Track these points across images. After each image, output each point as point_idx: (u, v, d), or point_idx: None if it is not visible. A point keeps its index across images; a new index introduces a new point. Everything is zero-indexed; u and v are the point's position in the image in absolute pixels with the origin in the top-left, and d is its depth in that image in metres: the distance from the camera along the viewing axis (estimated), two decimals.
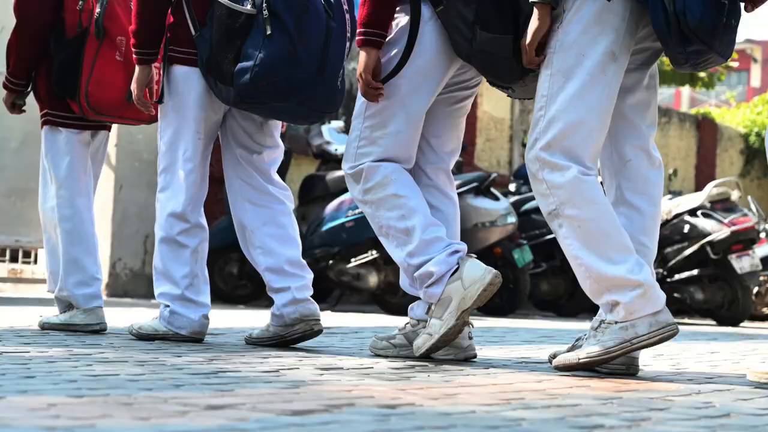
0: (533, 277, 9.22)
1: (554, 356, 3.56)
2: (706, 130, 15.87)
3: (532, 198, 9.49)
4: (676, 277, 9.47)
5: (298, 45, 3.92)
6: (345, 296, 8.76)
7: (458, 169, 9.53)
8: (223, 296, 8.76)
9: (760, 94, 21.47)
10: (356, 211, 8.11)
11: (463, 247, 3.67)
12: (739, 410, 2.63)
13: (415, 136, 3.76)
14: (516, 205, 9.16)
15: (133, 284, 8.84)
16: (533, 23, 3.34)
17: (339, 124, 9.45)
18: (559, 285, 9.64)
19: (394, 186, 3.70)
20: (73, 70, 4.41)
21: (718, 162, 15.93)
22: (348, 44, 4.13)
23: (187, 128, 4.19)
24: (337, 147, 9.00)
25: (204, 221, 4.31)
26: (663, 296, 3.36)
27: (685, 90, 27.91)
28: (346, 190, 8.35)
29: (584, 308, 9.36)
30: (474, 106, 11.76)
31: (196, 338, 4.17)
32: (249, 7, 3.91)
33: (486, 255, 8.72)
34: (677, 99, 31.33)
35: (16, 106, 4.69)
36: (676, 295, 9.44)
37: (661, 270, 9.67)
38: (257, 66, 3.88)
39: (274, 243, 4.26)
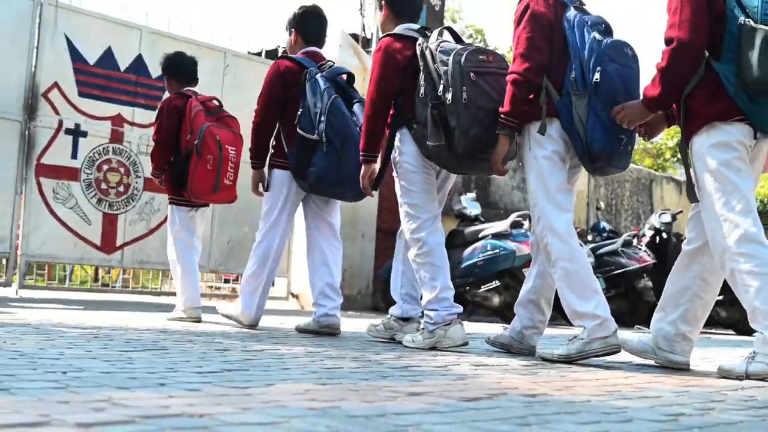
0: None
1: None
2: None
3: (605, 245, 9.29)
4: None
5: (343, 158, 4.39)
6: (476, 311, 8.63)
7: None
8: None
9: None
10: (485, 254, 8.04)
11: (459, 310, 3.96)
12: None
13: (432, 200, 4.09)
14: (593, 250, 8.92)
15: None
16: (498, 147, 3.65)
17: (472, 195, 9.34)
18: (623, 305, 9.34)
19: (435, 258, 3.97)
20: (184, 173, 5.04)
21: None
22: None
23: (277, 205, 4.73)
24: (471, 210, 8.93)
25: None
26: (614, 326, 3.48)
27: None
28: (478, 240, 8.30)
29: (640, 321, 9.07)
30: None
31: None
32: (315, 136, 4.42)
33: None
34: None
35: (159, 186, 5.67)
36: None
37: None
38: (320, 170, 4.42)
39: (334, 270, 4.79)
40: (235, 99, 7.68)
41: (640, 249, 9.21)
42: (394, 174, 4.12)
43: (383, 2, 4.27)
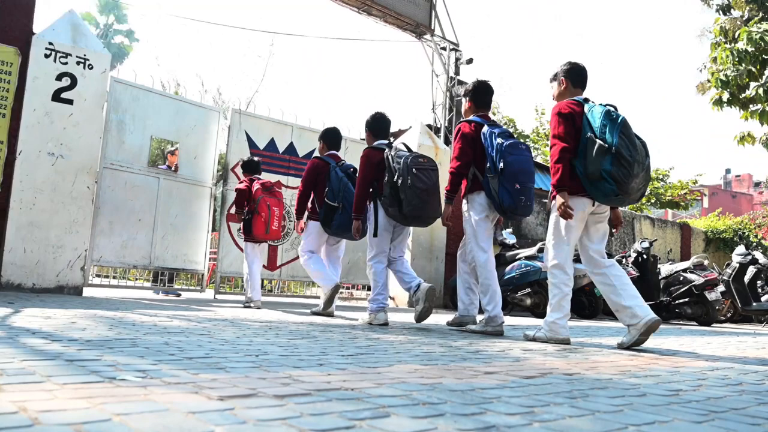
0: (605, 300, 8.60)
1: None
2: (685, 230, 14.54)
3: None
4: (677, 302, 8.61)
5: (351, 218, 4.76)
6: (514, 309, 8.40)
7: None
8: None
9: (710, 213, 19.68)
10: (520, 270, 7.85)
11: (387, 304, 4.41)
12: (745, 381, 2.34)
13: (386, 245, 4.46)
14: None
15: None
16: (444, 210, 4.07)
17: (509, 230, 9.14)
18: None
19: (376, 275, 4.41)
20: (250, 224, 5.79)
21: (692, 245, 14.57)
22: None
23: (315, 242, 5.19)
24: (509, 240, 8.73)
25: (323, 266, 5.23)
26: (501, 320, 3.93)
27: (670, 211, 26.00)
28: (515, 260, 8.09)
29: None
30: None
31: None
32: (336, 204, 4.92)
33: (581, 290, 8.23)
34: (666, 215, 29.26)
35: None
36: (677, 310, 8.59)
37: (668, 298, 8.85)
38: (338, 224, 4.92)
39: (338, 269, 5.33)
40: None
41: (626, 266, 8.85)
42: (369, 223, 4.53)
43: (366, 129, 4.69)
